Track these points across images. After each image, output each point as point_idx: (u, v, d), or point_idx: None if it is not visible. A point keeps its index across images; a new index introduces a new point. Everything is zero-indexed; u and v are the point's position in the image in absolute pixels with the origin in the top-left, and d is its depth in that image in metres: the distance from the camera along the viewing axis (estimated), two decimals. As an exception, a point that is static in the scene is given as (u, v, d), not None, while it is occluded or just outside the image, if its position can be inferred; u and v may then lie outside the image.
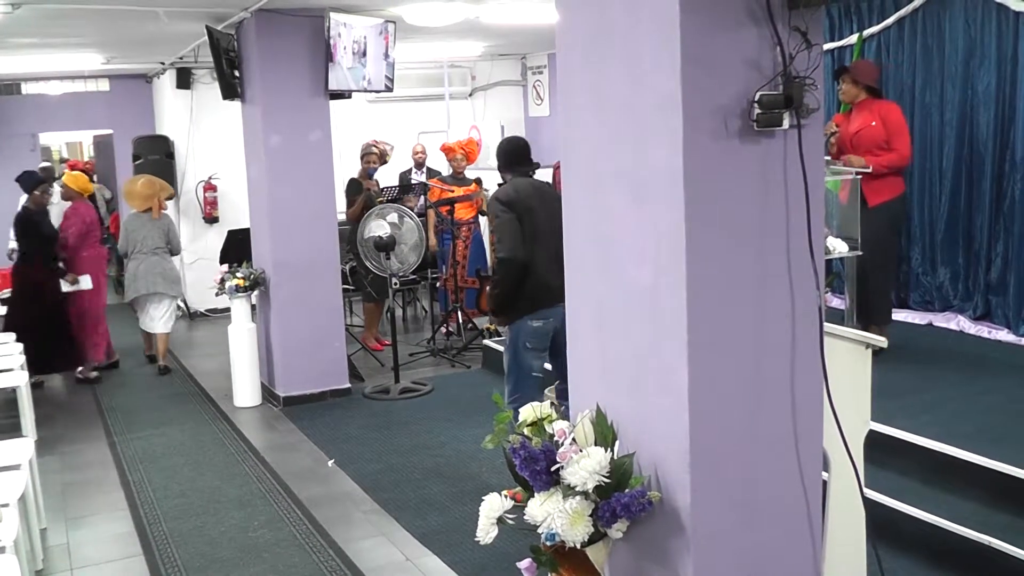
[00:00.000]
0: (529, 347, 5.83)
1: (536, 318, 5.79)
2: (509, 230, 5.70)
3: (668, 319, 2.83)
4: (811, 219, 2.92)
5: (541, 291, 5.74)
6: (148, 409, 8.51)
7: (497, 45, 12.40)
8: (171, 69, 12.48)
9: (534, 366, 5.86)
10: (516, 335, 5.84)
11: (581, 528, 2.87)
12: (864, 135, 7.00)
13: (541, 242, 5.70)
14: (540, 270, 5.72)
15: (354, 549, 5.47)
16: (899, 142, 7.00)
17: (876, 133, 6.97)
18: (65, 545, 5.72)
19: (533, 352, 5.84)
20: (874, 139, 6.96)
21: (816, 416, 3.06)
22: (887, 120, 6.98)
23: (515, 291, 5.74)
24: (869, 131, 6.99)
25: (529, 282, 5.73)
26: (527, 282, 5.73)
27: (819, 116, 2.91)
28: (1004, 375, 6.67)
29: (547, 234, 5.65)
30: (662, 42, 2.73)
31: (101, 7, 7.47)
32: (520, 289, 5.75)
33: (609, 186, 3.05)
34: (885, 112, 7.00)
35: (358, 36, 8.29)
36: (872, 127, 6.99)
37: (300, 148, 8.21)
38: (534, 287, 5.74)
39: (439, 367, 9.42)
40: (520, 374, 5.87)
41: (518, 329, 5.82)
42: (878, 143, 6.95)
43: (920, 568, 4.68)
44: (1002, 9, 7.51)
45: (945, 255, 8.31)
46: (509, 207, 5.73)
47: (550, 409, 3.16)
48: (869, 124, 7.01)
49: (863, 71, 7.21)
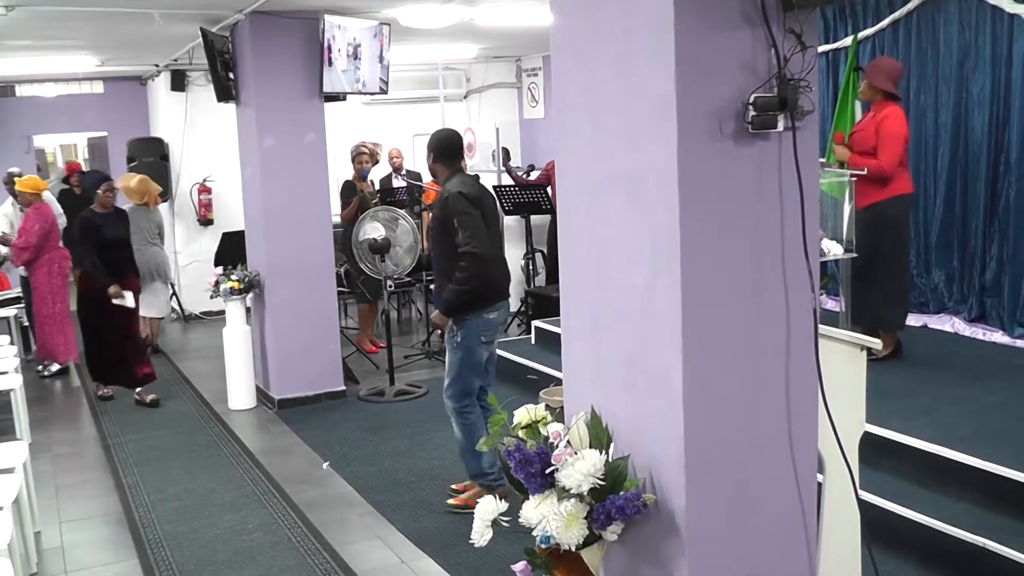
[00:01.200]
0: (484, 340, 5.84)
1: (491, 311, 5.80)
2: (479, 226, 5.65)
3: (663, 321, 2.83)
4: (805, 221, 2.92)
5: (494, 286, 5.82)
6: (142, 412, 8.49)
7: (492, 47, 12.40)
8: (166, 71, 12.47)
9: (483, 359, 5.87)
10: (471, 330, 5.76)
11: (576, 530, 2.86)
12: (857, 137, 6.95)
13: (491, 239, 5.81)
14: (494, 266, 5.80)
15: (349, 552, 5.46)
16: (884, 152, 6.78)
17: (867, 137, 6.85)
18: (59, 548, 5.71)
19: (485, 345, 5.86)
20: (864, 142, 6.88)
21: (811, 418, 3.06)
22: (880, 126, 6.82)
23: (481, 287, 5.71)
24: (861, 134, 6.92)
25: (487, 277, 5.73)
26: (486, 277, 5.73)
27: (814, 118, 2.91)
28: (999, 377, 6.66)
29: (494, 232, 5.92)
30: (656, 44, 2.73)
31: (95, 9, 7.46)
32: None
33: (604, 188, 3.05)
34: (883, 118, 6.87)
35: (352, 38, 8.29)
36: (864, 132, 6.92)
37: (295, 150, 8.20)
38: (490, 282, 5.76)
39: (434, 369, 9.40)
40: (475, 369, 5.84)
41: (473, 324, 5.74)
42: (868, 147, 6.86)
43: (915, 570, 4.69)
44: (996, 11, 7.52)
45: (940, 257, 8.31)
46: (474, 203, 5.70)
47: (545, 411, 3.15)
48: (864, 127, 6.96)
49: (875, 74, 6.95)
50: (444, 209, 5.69)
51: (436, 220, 5.82)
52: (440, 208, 5.75)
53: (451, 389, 5.85)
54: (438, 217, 5.78)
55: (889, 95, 6.93)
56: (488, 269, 5.70)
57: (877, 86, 6.90)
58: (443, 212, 5.70)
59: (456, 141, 6.00)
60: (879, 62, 7.29)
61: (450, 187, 5.73)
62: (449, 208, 5.65)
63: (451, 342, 5.82)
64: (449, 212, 5.65)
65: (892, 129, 6.81)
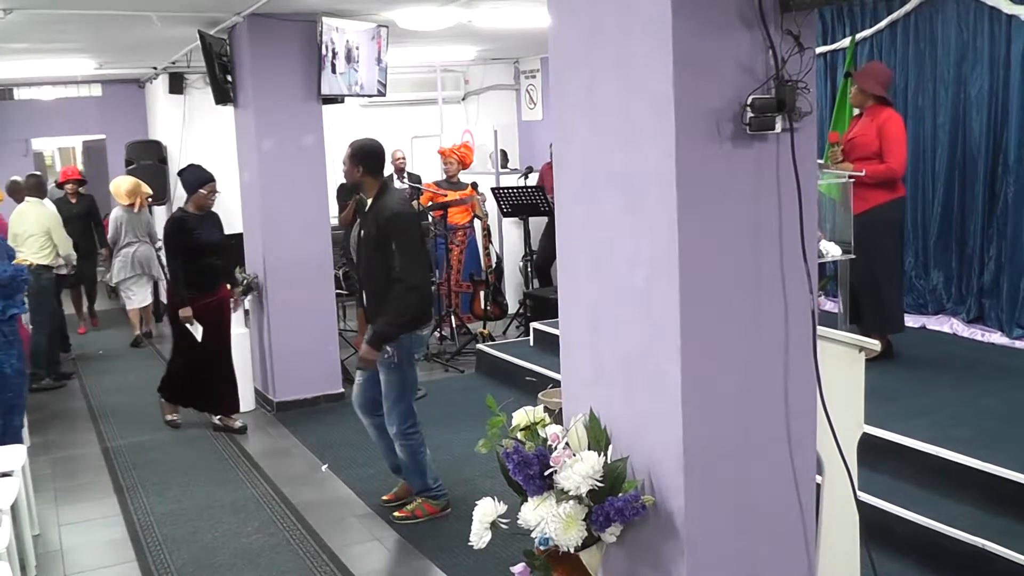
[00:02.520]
0: (417, 358, 5.85)
1: (423, 327, 5.78)
2: (416, 252, 5.59)
3: (661, 322, 2.83)
4: (804, 222, 2.92)
5: (427, 305, 5.80)
6: (141, 414, 8.47)
7: (490, 49, 12.40)
8: (164, 74, 12.48)
9: (416, 375, 5.84)
10: (407, 349, 5.65)
11: (575, 532, 2.86)
12: (857, 142, 6.94)
13: (424, 257, 5.80)
14: (425, 287, 5.72)
15: (348, 554, 5.46)
16: (892, 156, 6.80)
17: (868, 142, 6.84)
18: (58, 551, 5.70)
19: (415, 362, 5.83)
20: (865, 147, 6.87)
21: (809, 419, 3.06)
22: (883, 131, 6.81)
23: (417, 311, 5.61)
24: (861, 139, 6.91)
25: (422, 301, 5.67)
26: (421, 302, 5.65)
27: (812, 119, 2.91)
28: (997, 378, 6.67)
29: (425, 249, 5.91)
30: (654, 45, 2.73)
31: (93, 12, 7.46)
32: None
33: (602, 189, 3.05)
34: (883, 122, 6.84)
35: (351, 41, 8.29)
36: (864, 136, 6.91)
37: (293, 153, 8.21)
38: (424, 303, 5.72)
39: (433, 371, 9.41)
40: (412, 388, 5.81)
41: (408, 343, 5.63)
42: (869, 152, 6.86)
43: (914, 571, 4.69)
44: (994, 12, 7.52)
45: (938, 258, 8.32)
46: (414, 224, 5.68)
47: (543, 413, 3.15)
48: (863, 132, 6.96)
49: (868, 79, 6.98)
50: (384, 227, 5.48)
51: (373, 235, 5.54)
52: (379, 225, 5.51)
53: (394, 413, 5.70)
54: (375, 233, 5.53)
55: (880, 99, 6.94)
56: (422, 294, 5.62)
57: (868, 91, 6.93)
58: (382, 230, 5.49)
59: (383, 152, 5.79)
60: (869, 67, 7.32)
61: (390, 205, 5.56)
62: (390, 228, 5.47)
63: (386, 365, 5.63)
64: (389, 232, 5.46)
65: (895, 132, 6.85)
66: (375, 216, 5.57)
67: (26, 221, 9.54)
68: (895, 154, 6.82)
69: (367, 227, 5.63)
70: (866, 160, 6.83)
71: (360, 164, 5.64)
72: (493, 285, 10.69)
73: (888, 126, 6.84)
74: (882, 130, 6.80)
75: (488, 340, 9.91)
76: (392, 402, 5.70)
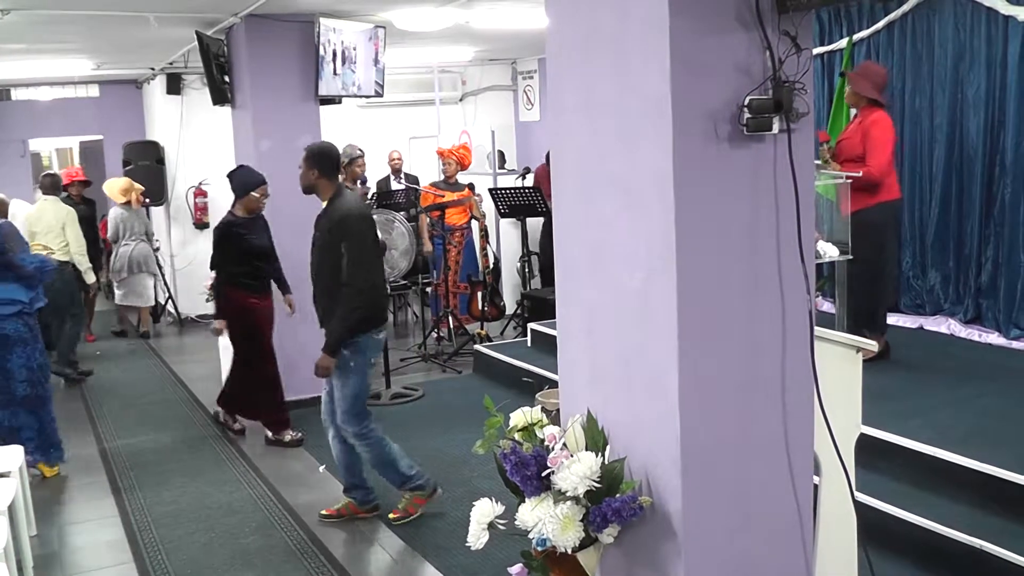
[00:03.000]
0: (373, 362, 5.81)
1: (379, 331, 5.74)
2: (367, 256, 5.59)
3: (659, 323, 2.83)
4: (801, 223, 2.92)
5: (380, 307, 5.79)
6: (138, 415, 8.48)
7: (487, 50, 12.40)
8: (161, 75, 12.47)
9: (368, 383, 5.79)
10: (364, 352, 5.64)
11: (572, 533, 2.86)
12: (844, 144, 6.95)
13: (378, 260, 5.83)
14: (379, 289, 5.75)
15: (345, 555, 5.46)
16: (873, 158, 6.77)
17: (854, 144, 6.84)
18: (56, 552, 5.70)
19: (372, 367, 5.81)
20: (851, 150, 6.86)
21: (807, 420, 3.06)
22: (868, 133, 6.81)
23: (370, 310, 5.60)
24: (848, 141, 6.92)
25: (375, 302, 5.68)
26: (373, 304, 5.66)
27: (809, 120, 2.91)
28: (994, 378, 6.67)
29: (379, 252, 5.94)
30: (652, 46, 2.73)
31: (91, 12, 7.46)
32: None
33: (599, 190, 3.05)
34: (869, 125, 6.84)
35: (348, 41, 8.29)
36: (850, 140, 6.91)
37: (290, 154, 8.12)
38: (377, 303, 5.73)
39: (430, 372, 9.41)
40: (365, 393, 5.73)
41: (364, 346, 5.63)
42: (854, 155, 6.85)
43: (911, 571, 4.69)
44: (991, 13, 7.53)
45: (935, 259, 8.32)
46: (369, 227, 5.67)
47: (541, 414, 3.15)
48: (850, 135, 6.96)
49: (859, 80, 6.97)
50: (338, 229, 5.49)
51: (326, 237, 5.57)
52: (332, 226, 5.53)
53: (348, 416, 5.63)
54: (328, 237, 5.54)
55: (873, 101, 6.93)
56: (374, 295, 5.64)
57: (862, 93, 6.91)
58: (335, 233, 5.50)
59: (338, 155, 5.80)
60: (864, 68, 7.31)
61: (342, 207, 5.57)
62: (343, 230, 5.48)
63: (344, 369, 5.59)
64: (342, 234, 5.48)
65: (879, 136, 6.82)
66: (328, 218, 5.60)
67: (44, 219, 9.64)
68: (875, 157, 6.78)
69: (320, 229, 5.67)
70: (852, 162, 6.83)
71: (315, 167, 5.65)
72: (491, 286, 10.69)
73: (873, 129, 6.83)
74: (867, 133, 6.80)
75: (485, 341, 9.91)
76: (347, 406, 5.63)
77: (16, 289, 6.48)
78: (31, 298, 6.56)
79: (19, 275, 6.49)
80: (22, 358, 6.52)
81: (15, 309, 6.47)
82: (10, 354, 6.47)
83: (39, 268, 6.65)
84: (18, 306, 6.48)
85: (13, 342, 6.48)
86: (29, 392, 6.57)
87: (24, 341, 6.53)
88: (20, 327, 6.51)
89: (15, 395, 6.52)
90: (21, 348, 6.51)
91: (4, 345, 6.45)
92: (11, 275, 6.45)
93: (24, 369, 6.54)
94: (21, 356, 6.52)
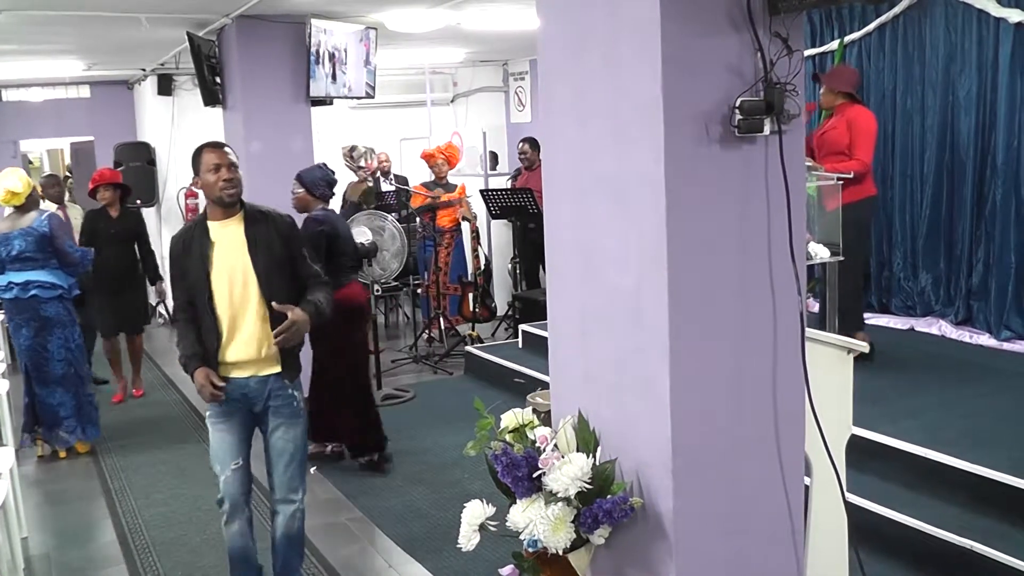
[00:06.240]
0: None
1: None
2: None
3: (650, 324, 2.83)
4: (792, 224, 2.92)
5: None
6: (130, 417, 8.46)
7: (479, 51, 12.39)
8: (152, 75, 12.46)
9: None
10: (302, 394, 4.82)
11: (563, 534, 2.86)
12: (827, 138, 7.02)
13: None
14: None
15: (337, 556, 5.45)
16: (859, 150, 6.87)
17: (838, 137, 6.92)
18: (46, 554, 5.68)
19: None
20: (836, 143, 6.93)
21: (798, 421, 3.06)
22: (852, 126, 6.90)
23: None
24: (832, 134, 6.99)
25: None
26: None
27: (800, 122, 2.91)
28: (985, 380, 6.69)
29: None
30: (643, 48, 2.74)
31: (82, 13, 7.45)
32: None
33: (591, 192, 3.05)
34: (853, 117, 6.93)
35: (339, 43, 8.29)
36: (834, 131, 6.98)
37: (281, 155, 8.18)
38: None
39: (421, 374, 9.41)
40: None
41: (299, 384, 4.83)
42: (839, 148, 6.91)
43: (902, 572, 4.69)
44: (982, 15, 7.54)
45: (927, 260, 8.34)
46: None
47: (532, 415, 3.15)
48: (833, 128, 7.01)
49: (836, 78, 7.13)
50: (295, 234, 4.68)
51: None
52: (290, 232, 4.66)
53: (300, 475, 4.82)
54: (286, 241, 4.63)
55: (849, 95, 7.06)
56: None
57: (838, 89, 7.04)
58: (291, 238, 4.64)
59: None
60: (836, 70, 7.58)
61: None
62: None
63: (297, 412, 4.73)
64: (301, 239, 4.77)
65: (864, 127, 6.98)
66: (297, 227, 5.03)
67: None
68: (863, 148, 6.91)
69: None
70: (837, 156, 6.90)
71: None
72: (482, 287, 10.69)
73: (858, 121, 6.96)
74: (852, 125, 6.91)
75: (477, 342, 9.92)
76: (298, 462, 4.75)
77: (59, 275, 7.07)
78: (70, 284, 7.19)
79: (64, 262, 7.07)
80: (60, 339, 7.12)
81: (56, 293, 7.06)
82: (50, 335, 7.08)
83: (83, 256, 7.27)
84: (59, 291, 7.08)
85: (54, 324, 7.07)
86: (67, 371, 7.17)
87: (63, 323, 7.13)
88: (61, 310, 7.11)
89: (54, 374, 7.13)
90: (60, 330, 7.11)
91: (46, 327, 7.05)
92: (54, 262, 7.02)
93: (63, 349, 7.13)
94: (60, 337, 7.11)
